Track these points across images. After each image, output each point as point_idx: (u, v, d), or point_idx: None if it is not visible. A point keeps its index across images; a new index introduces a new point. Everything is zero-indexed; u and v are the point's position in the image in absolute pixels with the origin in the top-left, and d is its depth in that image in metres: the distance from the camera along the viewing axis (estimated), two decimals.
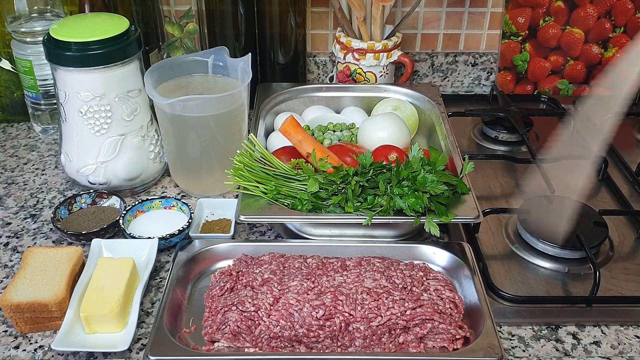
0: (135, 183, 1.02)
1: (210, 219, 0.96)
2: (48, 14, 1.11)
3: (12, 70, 1.16)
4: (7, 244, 0.93)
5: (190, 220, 0.92)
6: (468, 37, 1.32)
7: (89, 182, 1.00)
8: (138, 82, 0.97)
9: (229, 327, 0.74)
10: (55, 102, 0.98)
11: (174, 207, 0.97)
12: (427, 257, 0.85)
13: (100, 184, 1.00)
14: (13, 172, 1.10)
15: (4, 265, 0.89)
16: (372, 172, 0.87)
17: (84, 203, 0.98)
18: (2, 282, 0.86)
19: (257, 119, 1.07)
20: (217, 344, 0.75)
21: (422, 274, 0.80)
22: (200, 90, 1.00)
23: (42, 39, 0.94)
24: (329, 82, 1.31)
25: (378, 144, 0.98)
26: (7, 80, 1.18)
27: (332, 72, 1.31)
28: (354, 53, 1.18)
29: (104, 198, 0.98)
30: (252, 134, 0.93)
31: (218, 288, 0.79)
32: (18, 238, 0.94)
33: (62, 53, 0.90)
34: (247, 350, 0.74)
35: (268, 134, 1.08)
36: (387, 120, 1.02)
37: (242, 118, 0.99)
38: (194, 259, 0.85)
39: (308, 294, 0.75)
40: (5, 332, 0.79)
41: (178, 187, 1.05)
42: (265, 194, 0.86)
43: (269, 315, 0.74)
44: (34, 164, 1.12)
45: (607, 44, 1.29)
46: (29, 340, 0.78)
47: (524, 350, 0.77)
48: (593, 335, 0.79)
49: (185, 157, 0.99)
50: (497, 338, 0.71)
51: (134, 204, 0.95)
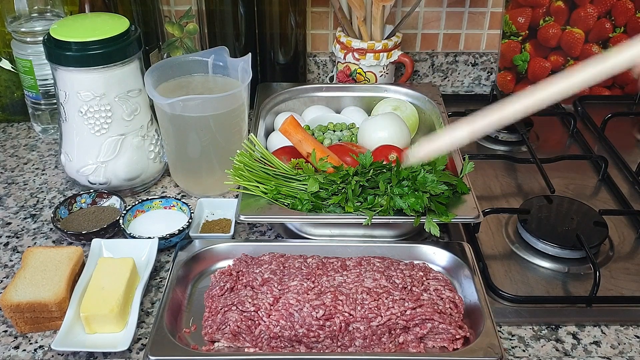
0: (135, 183, 1.02)
1: (210, 219, 0.96)
2: (48, 14, 1.11)
3: (12, 70, 1.16)
4: (7, 244, 0.93)
5: (190, 220, 0.92)
6: (468, 37, 1.32)
7: (89, 182, 1.00)
8: (138, 82, 0.97)
9: (229, 327, 0.74)
10: (55, 102, 0.98)
11: (174, 207, 0.97)
12: (427, 257, 0.85)
13: (100, 184, 1.00)
14: (13, 172, 1.10)
15: (4, 265, 0.89)
16: (372, 172, 0.87)
17: (84, 203, 0.98)
18: (2, 282, 0.86)
19: (257, 119, 1.07)
20: (217, 344, 0.75)
21: (422, 274, 0.80)
22: (201, 90, 1.00)
23: (42, 39, 0.94)
24: (329, 82, 1.31)
25: (378, 144, 0.98)
26: (7, 80, 1.18)
27: (332, 72, 1.31)
28: (354, 53, 1.18)
29: (104, 198, 0.98)
30: (252, 134, 0.93)
31: (218, 288, 0.79)
32: (18, 238, 0.94)
33: (62, 53, 0.90)
34: (247, 350, 0.74)
35: (268, 134, 1.08)
36: (387, 120, 1.02)
37: (242, 118, 0.99)
38: (194, 259, 0.85)
39: (308, 294, 0.75)
40: (5, 332, 0.79)
41: (178, 187, 1.05)
42: (265, 194, 0.86)
43: (269, 315, 0.74)
44: (34, 164, 1.12)
45: (607, 44, 1.29)
46: (29, 340, 0.78)
47: (524, 350, 0.77)
48: (593, 335, 0.79)
49: (185, 157, 0.99)
50: (497, 338, 0.71)
51: (134, 204, 0.95)
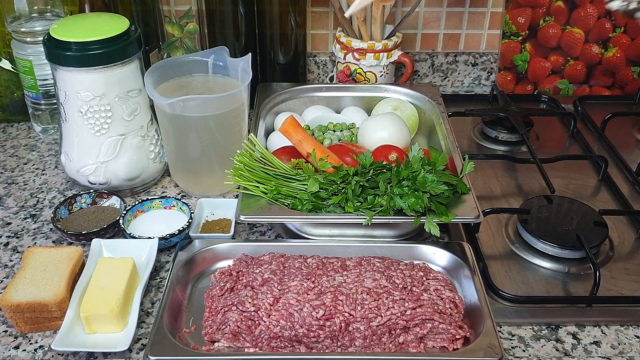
0: (135, 183, 1.02)
1: (210, 219, 0.96)
2: (48, 14, 1.10)
3: (12, 70, 1.16)
4: (7, 244, 0.93)
5: (190, 220, 0.92)
6: (468, 37, 1.32)
7: (89, 182, 1.00)
8: (138, 82, 0.97)
9: (229, 327, 0.74)
10: (56, 102, 0.98)
11: (174, 207, 0.97)
12: (427, 257, 0.85)
13: (100, 184, 1.00)
14: (13, 172, 1.10)
15: (4, 265, 0.89)
16: (372, 172, 0.87)
17: (84, 203, 0.98)
18: (2, 282, 0.86)
19: (257, 119, 1.07)
20: (217, 344, 0.75)
21: (422, 274, 0.80)
22: (201, 90, 1.00)
23: (42, 39, 0.94)
24: (329, 82, 1.31)
25: (378, 144, 0.98)
26: (7, 80, 1.18)
27: (332, 72, 1.31)
28: (354, 53, 1.18)
29: (104, 198, 0.98)
30: (252, 134, 0.93)
31: (218, 288, 0.79)
32: (18, 238, 0.94)
33: (62, 53, 0.90)
34: (247, 350, 0.74)
35: (268, 134, 1.08)
36: (387, 120, 1.02)
37: (242, 118, 0.99)
38: (194, 259, 0.85)
39: (308, 294, 0.75)
40: (5, 332, 0.79)
41: (178, 187, 1.05)
42: (265, 194, 0.86)
43: (269, 315, 0.74)
44: (34, 164, 1.12)
45: (607, 44, 1.29)
46: (29, 341, 0.78)
47: (524, 350, 0.77)
48: (593, 335, 0.79)
49: (185, 157, 0.99)
50: (497, 338, 0.71)
51: (134, 204, 0.95)
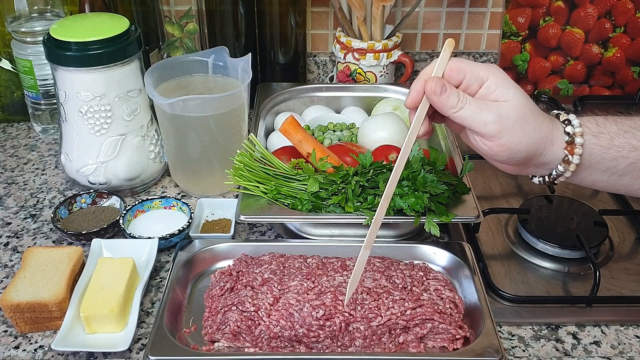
0: (135, 183, 1.02)
1: (210, 219, 0.96)
2: (48, 14, 1.10)
3: (12, 70, 1.16)
4: (7, 244, 0.93)
5: (190, 220, 0.92)
6: (468, 37, 1.32)
7: (89, 182, 1.00)
8: (138, 82, 0.97)
9: (229, 327, 0.74)
10: (55, 102, 0.98)
11: (174, 207, 0.97)
12: (427, 257, 0.85)
13: (100, 184, 1.00)
14: (13, 172, 1.10)
15: (4, 265, 0.89)
16: (372, 172, 0.87)
17: (84, 203, 0.98)
18: (2, 282, 0.86)
19: (257, 119, 1.07)
20: (217, 344, 0.75)
21: (422, 274, 0.80)
22: (201, 90, 1.00)
23: (42, 39, 0.94)
24: (329, 82, 1.31)
25: (378, 144, 0.98)
26: (7, 80, 1.18)
27: (332, 72, 1.31)
28: (354, 53, 1.18)
29: (104, 198, 0.98)
30: (252, 134, 0.92)
31: (218, 288, 0.79)
32: (18, 238, 0.94)
33: (62, 53, 0.90)
34: (247, 350, 0.73)
35: (268, 134, 1.08)
36: (387, 120, 1.02)
37: (242, 118, 0.99)
38: (194, 259, 0.85)
39: (308, 294, 0.75)
40: (5, 332, 0.79)
41: (178, 187, 1.05)
42: (265, 194, 0.86)
43: (269, 315, 0.74)
44: (34, 164, 1.12)
45: (607, 44, 1.29)
46: (29, 340, 0.78)
47: (524, 350, 0.77)
48: (593, 335, 0.79)
49: (185, 157, 0.98)
50: (497, 338, 0.71)
51: (134, 204, 0.95)
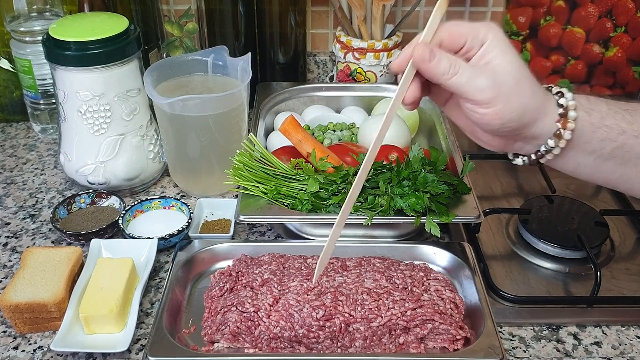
0: (135, 183, 1.02)
1: (210, 219, 0.96)
2: (47, 14, 1.10)
3: (11, 70, 1.16)
4: (6, 244, 0.93)
5: (190, 220, 0.92)
6: None
7: (88, 182, 0.99)
8: (137, 81, 0.97)
9: (229, 327, 0.74)
10: (55, 101, 0.98)
11: (174, 207, 0.97)
12: (427, 257, 0.85)
13: (100, 184, 0.99)
14: (12, 171, 1.09)
15: (3, 266, 0.89)
16: (372, 172, 0.87)
17: (83, 203, 0.97)
18: (1, 282, 0.86)
19: (257, 119, 1.07)
20: (216, 345, 0.74)
21: (422, 274, 0.80)
22: (200, 90, 0.99)
23: (41, 39, 0.94)
24: (329, 81, 1.30)
25: None
26: (6, 80, 1.18)
27: (332, 71, 1.31)
28: (354, 52, 1.18)
29: (103, 198, 0.98)
30: (252, 134, 0.92)
31: (218, 288, 0.79)
32: (17, 238, 0.94)
33: (61, 52, 0.90)
34: (246, 351, 0.73)
35: (268, 134, 1.08)
36: None
37: (241, 118, 0.98)
38: (194, 259, 0.84)
39: (308, 295, 0.75)
40: (5, 332, 0.79)
41: (177, 187, 1.05)
42: (265, 194, 0.86)
43: (269, 316, 0.73)
44: (33, 164, 1.11)
45: (608, 44, 1.28)
46: (28, 341, 0.77)
47: (525, 351, 0.77)
48: (594, 336, 0.79)
49: (185, 156, 0.98)
50: (497, 338, 0.71)
51: (133, 204, 0.95)
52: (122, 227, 0.91)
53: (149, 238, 0.88)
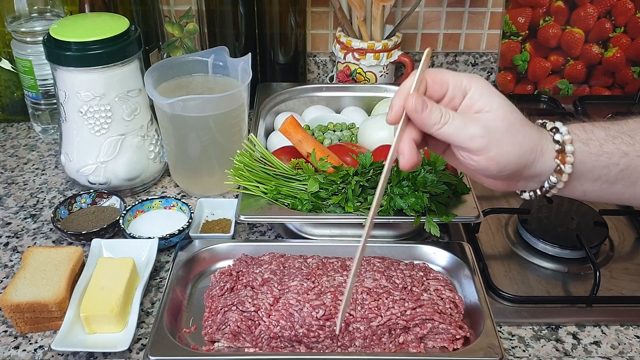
0: (135, 183, 1.02)
1: (210, 219, 0.96)
2: (48, 14, 1.10)
3: (12, 70, 1.16)
4: (7, 244, 0.93)
5: (190, 220, 0.92)
6: (468, 37, 1.32)
7: (89, 182, 1.00)
8: (138, 82, 0.97)
9: (229, 327, 0.74)
10: (55, 102, 0.98)
11: (174, 207, 0.97)
12: (427, 257, 0.85)
13: (100, 184, 1.00)
14: (13, 172, 1.09)
15: (4, 265, 0.89)
16: (372, 172, 0.87)
17: (84, 203, 0.98)
18: (2, 282, 0.86)
19: (257, 119, 1.07)
20: (217, 344, 0.75)
21: (422, 274, 0.80)
22: (200, 90, 0.99)
23: (42, 39, 0.94)
24: (329, 82, 1.31)
25: (378, 144, 0.98)
26: (7, 80, 1.18)
27: (332, 72, 1.31)
28: (354, 53, 1.18)
29: (104, 198, 0.98)
30: (252, 134, 0.93)
31: (218, 288, 0.79)
32: (18, 238, 0.94)
33: (62, 53, 0.90)
34: (247, 351, 0.73)
35: (268, 134, 1.08)
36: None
37: (242, 118, 0.99)
38: (194, 259, 0.85)
39: (308, 294, 0.75)
40: (5, 332, 0.79)
41: (178, 187, 1.05)
42: (265, 194, 0.86)
43: (269, 315, 0.74)
44: (34, 164, 1.11)
45: (607, 44, 1.29)
46: (29, 341, 0.78)
47: (524, 350, 0.77)
48: (593, 335, 0.79)
49: (185, 157, 0.98)
50: (497, 338, 0.71)
51: (134, 204, 0.95)
52: (122, 227, 0.91)
53: (150, 238, 0.88)
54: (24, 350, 0.76)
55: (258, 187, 0.87)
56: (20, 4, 1.08)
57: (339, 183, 0.86)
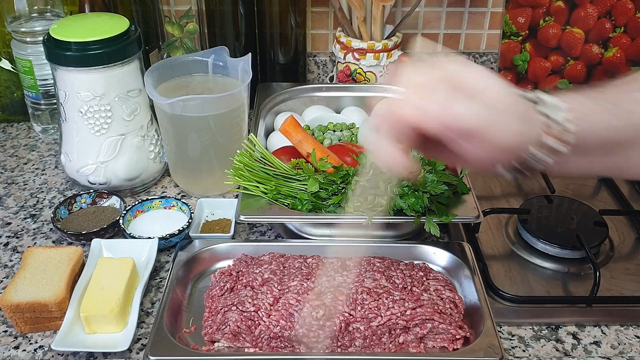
0: (135, 183, 1.02)
1: (210, 219, 0.96)
2: (48, 14, 1.10)
3: (12, 70, 1.16)
4: (7, 244, 0.93)
5: (190, 220, 0.92)
6: (468, 37, 1.32)
7: (89, 182, 1.00)
8: (138, 82, 0.97)
9: (229, 327, 0.74)
10: (55, 102, 0.98)
11: (174, 207, 0.97)
12: (427, 257, 0.85)
13: (100, 184, 1.00)
14: (13, 172, 1.09)
15: (4, 265, 0.89)
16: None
17: (84, 203, 0.98)
18: (2, 282, 0.86)
19: (257, 119, 1.07)
20: (217, 344, 0.75)
21: (422, 274, 0.80)
22: (200, 90, 0.99)
23: (42, 39, 0.94)
24: (329, 82, 1.31)
25: None
26: (7, 80, 1.18)
27: (332, 72, 1.31)
28: (354, 53, 1.18)
29: (104, 198, 0.98)
30: (252, 134, 0.93)
31: (218, 288, 0.79)
32: (18, 238, 0.94)
33: (62, 53, 0.90)
34: (247, 351, 0.73)
35: (268, 134, 1.08)
36: None
37: (242, 118, 0.99)
38: (194, 259, 0.85)
39: (308, 294, 0.75)
40: (5, 332, 0.79)
41: (178, 187, 1.05)
42: (265, 194, 0.86)
43: (269, 315, 0.74)
44: (34, 164, 1.11)
45: (607, 44, 1.29)
46: (29, 341, 0.78)
47: (524, 351, 0.77)
48: (593, 335, 0.79)
49: (185, 157, 0.98)
50: (497, 338, 0.71)
51: (134, 204, 0.95)
52: (122, 227, 0.91)
53: (150, 238, 0.88)
54: (24, 350, 0.76)
55: (258, 187, 0.87)
56: (20, 4, 1.08)
57: (339, 183, 0.86)
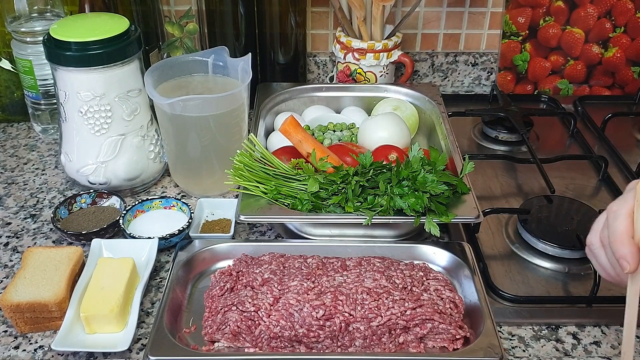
0: (135, 183, 1.02)
1: (210, 219, 0.96)
2: (48, 14, 1.10)
3: (12, 70, 1.16)
4: (7, 244, 0.93)
5: (190, 220, 0.92)
6: (468, 37, 1.32)
7: (89, 182, 1.00)
8: (138, 82, 0.97)
9: (229, 327, 0.74)
10: (55, 102, 0.98)
11: (174, 207, 0.97)
12: (427, 257, 0.85)
13: (100, 184, 1.00)
14: (13, 172, 1.10)
15: (4, 265, 0.89)
16: (372, 172, 0.87)
17: (84, 203, 0.98)
18: (2, 282, 0.86)
19: (257, 119, 1.07)
20: (217, 344, 0.75)
21: (422, 274, 0.80)
22: (200, 90, 1.00)
23: (42, 39, 0.94)
24: (329, 82, 1.31)
25: (378, 144, 0.98)
26: (7, 80, 1.18)
27: (332, 72, 1.31)
28: (354, 53, 1.18)
29: (104, 198, 0.98)
30: (252, 134, 0.93)
31: (218, 288, 0.79)
32: (18, 238, 0.94)
33: (62, 53, 0.90)
34: (247, 351, 0.74)
35: (268, 134, 1.08)
36: (387, 120, 1.02)
37: (242, 118, 0.99)
38: (194, 259, 0.85)
39: (308, 294, 0.75)
40: (5, 332, 0.79)
41: (178, 187, 1.05)
42: (265, 194, 0.86)
43: (269, 315, 0.74)
44: (34, 164, 1.12)
45: (607, 44, 1.29)
46: (29, 341, 0.78)
47: (524, 350, 0.77)
48: (593, 336, 0.79)
49: (185, 157, 0.98)
50: (497, 338, 0.71)
51: (134, 204, 0.95)
52: (122, 227, 0.91)
53: (150, 238, 0.88)
54: (24, 350, 0.76)
55: (258, 187, 0.87)
56: (20, 4, 1.08)
57: (339, 183, 0.86)
